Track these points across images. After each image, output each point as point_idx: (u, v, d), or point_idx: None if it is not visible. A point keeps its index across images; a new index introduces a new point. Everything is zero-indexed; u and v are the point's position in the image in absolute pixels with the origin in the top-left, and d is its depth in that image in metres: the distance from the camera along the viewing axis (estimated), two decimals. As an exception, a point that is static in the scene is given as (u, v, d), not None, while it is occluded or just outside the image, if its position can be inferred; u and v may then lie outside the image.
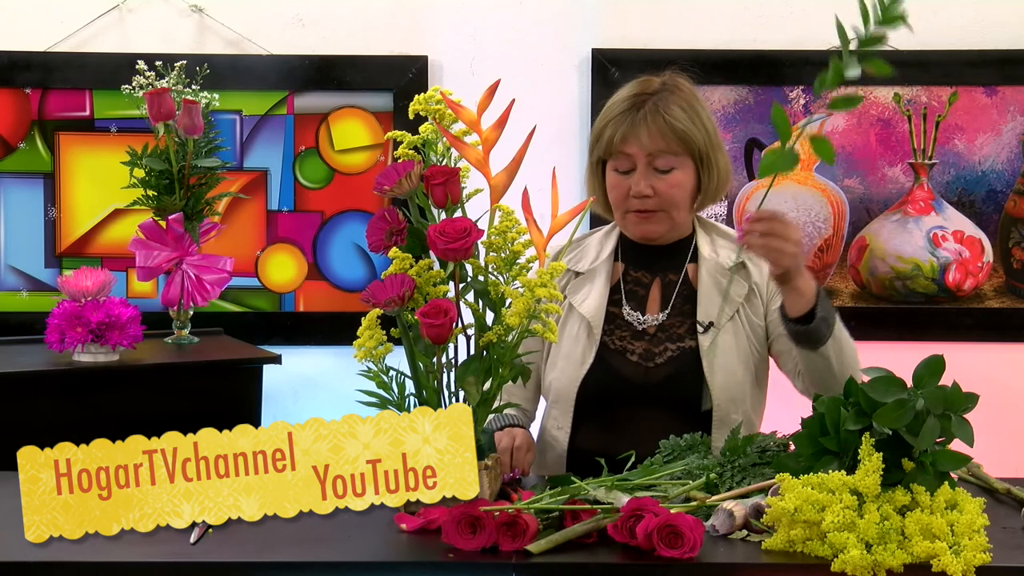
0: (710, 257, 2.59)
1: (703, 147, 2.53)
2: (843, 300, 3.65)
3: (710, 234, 2.64)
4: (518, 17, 3.62)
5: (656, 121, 2.50)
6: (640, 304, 2.60)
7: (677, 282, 2.59)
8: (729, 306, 2.55)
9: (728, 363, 2.52)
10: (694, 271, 2.60)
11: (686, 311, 2.57)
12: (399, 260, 2.08)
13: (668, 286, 2.60)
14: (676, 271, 2.61)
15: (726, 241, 2.63)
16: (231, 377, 3.06)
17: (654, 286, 2.60)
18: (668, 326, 2.57)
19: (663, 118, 2.50)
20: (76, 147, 3.61)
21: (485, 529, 1.87)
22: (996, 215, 3.64)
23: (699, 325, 2.55)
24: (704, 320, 2.55)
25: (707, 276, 2.58)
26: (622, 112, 2.53)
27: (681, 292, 2.59)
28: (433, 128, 2.13)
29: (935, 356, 1.96)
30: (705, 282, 2.58)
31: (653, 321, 2.57)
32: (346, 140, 3.64)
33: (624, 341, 2.56)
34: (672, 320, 2.57)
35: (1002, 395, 3.52)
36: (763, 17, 3.62)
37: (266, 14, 3.61)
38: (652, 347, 2.55)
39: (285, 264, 3.66)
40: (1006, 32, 3.59)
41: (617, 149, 2.52)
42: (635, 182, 2.51)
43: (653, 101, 2.52)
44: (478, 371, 2.07)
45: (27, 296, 3.63)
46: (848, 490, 1.89)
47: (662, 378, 2.53)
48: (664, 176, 2.52)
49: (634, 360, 2.55)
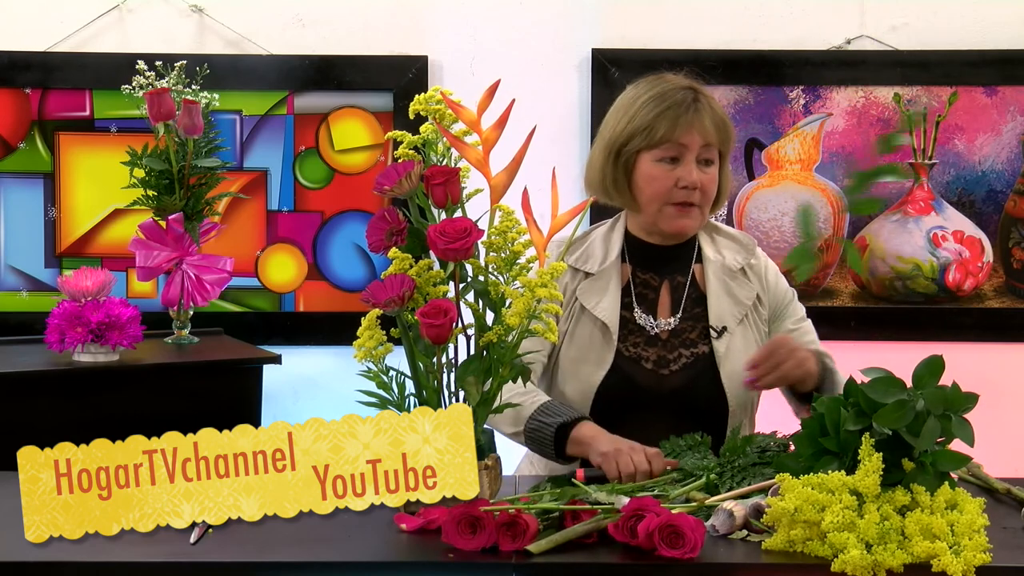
0: (715, 259, 2.58)
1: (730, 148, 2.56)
2: (843, 300, 3.65)
3: (711, 234, 2.63)
4: (518, 17, 3.62)
5: (713, 113, 2.50)
6: (651, 308, 2.56)
7: (686, 284, 2.57)
8: (738, 309, 2.55)
9: (740, 368, 2.48)
10: (700, 273, 2.58)
11: (696, 315, 2.55)
12: (399, 260, 2.08)
13: (677, 288, 2.57)
14: (683, 273, 2.58)
15: (728, 241, 2.62)
16: (231, 377, 3.06)
17: (663, 289, 2.57)
18: (680, 331, 2.54)
19: (716, 112, 2.51)
20: (76, 147, 3.61)
21: (485, 529, 1.87)
22: (996, 215, 3.64)
23: (712, 330, 2.53)
24: (717, 325, 2.53)
25: (715, 279, 2.56)
26: (677, 103, 2.48)
27: (690, 295, 2.57)
28: (433, 128, 2.13)
29: (935, 356, 1.96)
30: (714, 285, 2.55)
31: (666, 326, 2.54)
32: (346, 140, 3.64)
33: (638, 348, 2.52)
34: (684, 324, 2.54)
35: (1002, 395, 3.52)
36: (763, 17, 3.62)
37: (266, 14, 3.61)
38: (666, 353, 2.52)
39: (285, 264, 3.66)
40: (1006, 32, 3.59)
41: (674, 138, 2.47)
42: (687, 172, 2.48)
43: (701, 95, 2.52)
44: (478, 371, 2.07)
45: (27, 296, 3.63)
46: (848, 490, 1.89)
47: (676, 385, 2.50)
48: (707, 170, 2.51)
49: (648, 367, 2.51)
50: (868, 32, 3.60)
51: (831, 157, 3.63)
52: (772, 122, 3.63)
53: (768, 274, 2.61)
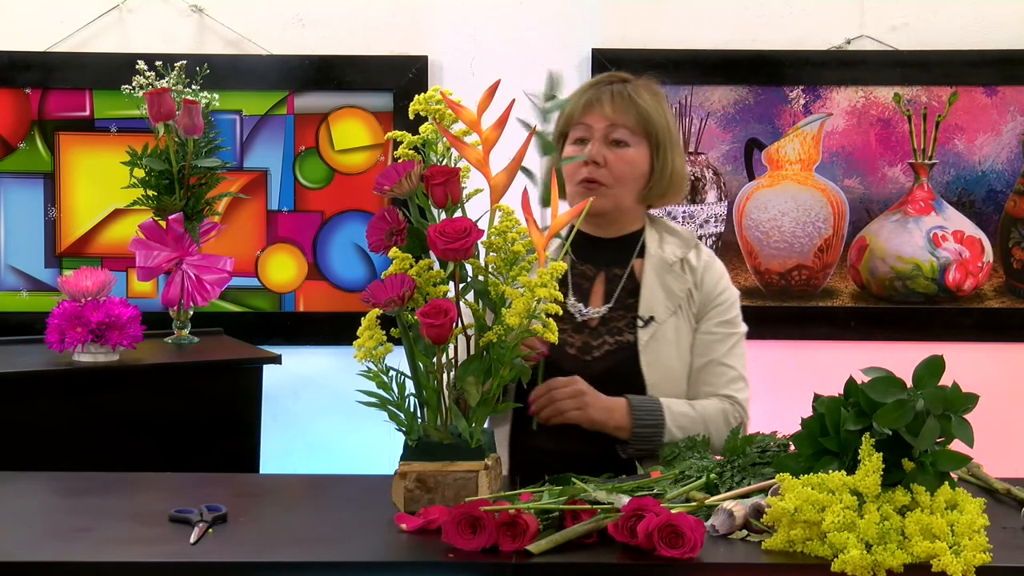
0: (655, 253, 2.60)
1: (662, 135, 2.58)
2: (843, 300, 3.66)
3: (660, 232, 2.65)
4: (518, 17, 3.62)
5: (621, 95, 2.57)
6: (584, 297, 2.60)
7: (622, 276, 2.60)
8: (671, 300, 2.56)
9: (665, 358, 2.53)
10: (640, 266, 2.61)
11: (629, 305, 2.58)
12: (399, 260, 2.08)
13: (612, 280, 2.61)
14: (622, 266, 2.61)
15: (672, 236, 2.64)
16: (231, 377, 3.06)
17: (598, 279, 2.61)
18: (609, 319, 2.57)
19: (629, 96, 2.57)
20: (76, 147, 3.61)
21: (485, 529, 1.87)
22: (996, 215, 3.65)
23: (639, 319, 2.55)
24: (645, 315, 2.56)
25: (651, 271, 2.59)
26: (588, 87, 2.61)
27: (626, 286, 2.59)
28: (433, 128, 2.13)
29: (935, 356, 1.96)
30: (649, 276, 2.59)
31: (595, 313, 2.58)
32: (346, 140, 3.64)
33: (564, 334, 2.53)
34: (614, 314, 2.58)
35: (1002, 395, 3.52)
36: (763, 17, 3.62)
37: (266, 14, 3.61)
38: (591, 340, 2.56)
39: (285, 264, 3.66)
40: (1006, 32, 3.60)
41: (578, 119, 2.57)
42: (589, 148, 2.54)
43: (622, 84, 2.59)
44: (478, 371, 2.07)
45: (27, 296, 3.63)
46: (848, 490, 1.89)
47: (598, 372, 2.52)
48: (618, 150, 2.55)
49: (572, 353, 2.54)
50: (868, 32, 3.60)
51: (831, 157, 3.63)
52: (772, 122, 3.63)
53: (705, 271, 2.62)
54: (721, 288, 2.62)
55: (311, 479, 2.59)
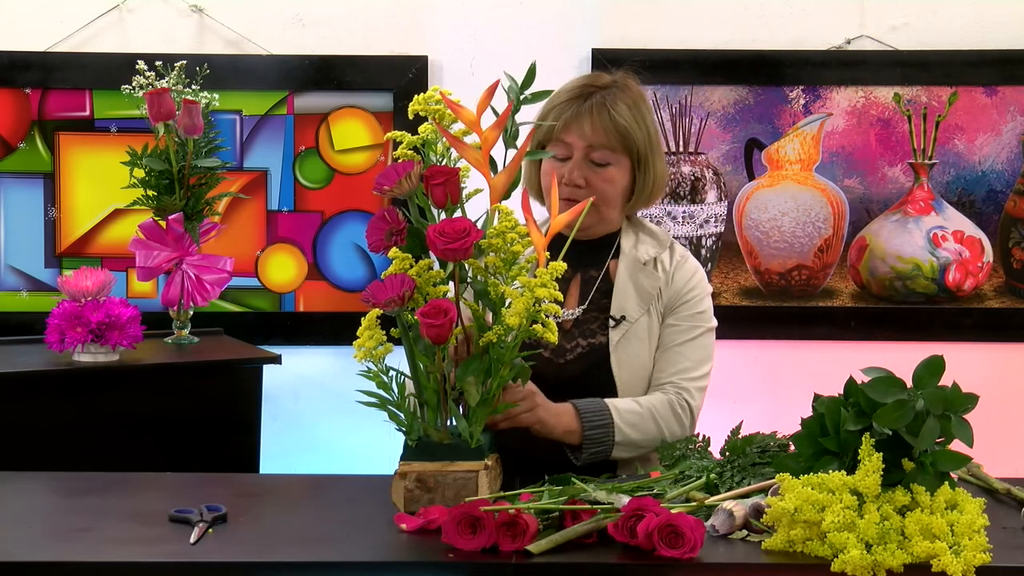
0: (630, 252, 2.59)
1: (643, 148, 2.54)
2: (843, 300, 3.66)
3: (636, 232, 2.64)
4: (518, 17, 3.62)
5: (601, 114, 2.51)
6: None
7: (597, 278, 2.59)
8: (643, 299, 2.55)
9: (636, 357, 2.53)
10: (615, 267, 2.60)
11: (603, 306, 2.57)
12: (399, 260, 2.08)
13: (588, 282, 2.60)
14: (598, 267, 2.60)
15: (647, 236, 2.63)
16: (231, 377, 3.06)
17: (573, 281, 2.60)
18: (583, 321, 2.57)
19: (608, 113, 2.51)
20: (76, 147, 3.61)
21: (485, 529, 1.87)
22: (996, 215, 3.65)
23: (612, 319, 2.55)
24: (617, 314, 2.55)
25: (624, 271, 2.58)
26: (567, 100, 2.54)
27: (600, 288, 2.59)
28: (433, 128, 2.13)
29: (935, 356, 1.96)
30: (622, 276, 2.58)
31: (569, 315, 2.57)
32: (346, 140, 3.64)
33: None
34: (587, 315, 2.57)
35: (1002, 395, 3.52)
36: (763, 17, 3.62)
37: (266, 14, 3.61)
38: (564, 342, 2.54)
39: (285, 264, 3.66)
40: (1006, 32, 3.60)
41: (557, 137, 2.52)
42: (569, 170, 2.51)
43: (601, 95, 2.53)
44: (478, 371, 2.07)
45: (27, 296, 3.63)
46: (848, 490, 1.89)
47: (572, 374, 2.52)
48: (599, 170, 2.52)
49: (546, 355, 2.53)
50: (868, 32, 3.60)
51: (831, 157, 3.63)
52: (772, 122, 3.63)
53: (677, 269, 2.60)
54: (692, 285, 2.60)
55: (311, 479, 2.59)
